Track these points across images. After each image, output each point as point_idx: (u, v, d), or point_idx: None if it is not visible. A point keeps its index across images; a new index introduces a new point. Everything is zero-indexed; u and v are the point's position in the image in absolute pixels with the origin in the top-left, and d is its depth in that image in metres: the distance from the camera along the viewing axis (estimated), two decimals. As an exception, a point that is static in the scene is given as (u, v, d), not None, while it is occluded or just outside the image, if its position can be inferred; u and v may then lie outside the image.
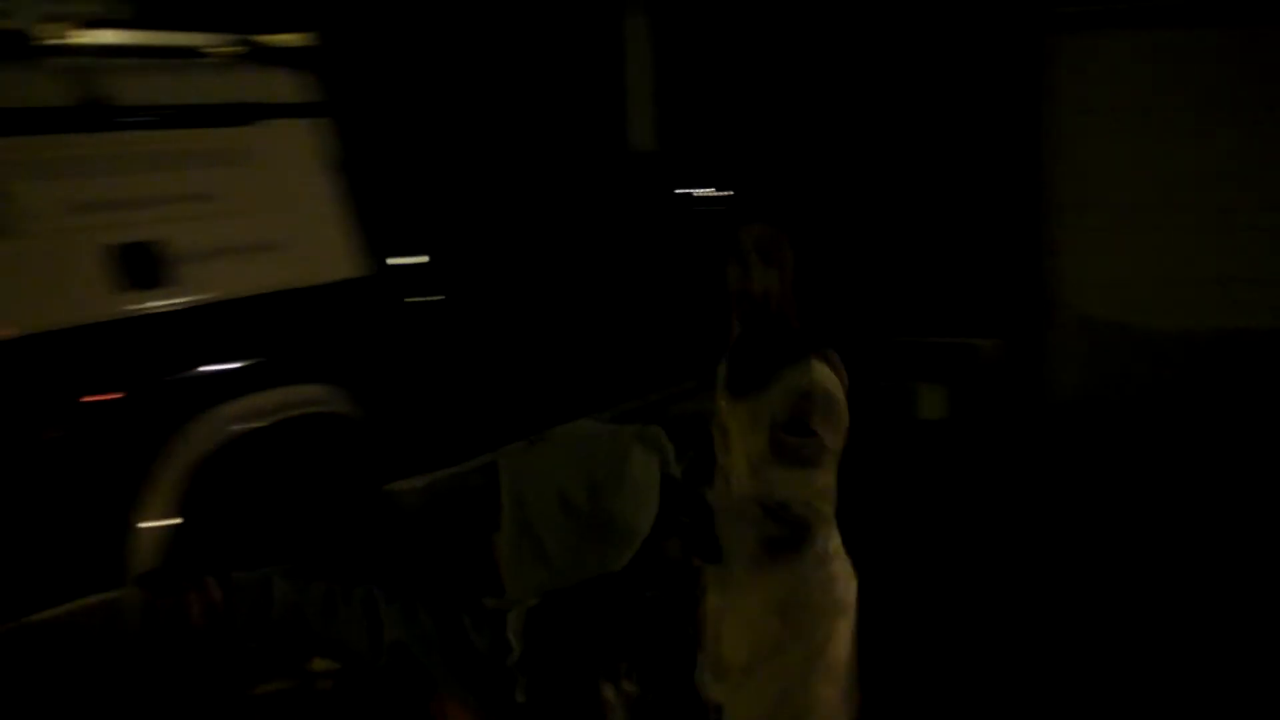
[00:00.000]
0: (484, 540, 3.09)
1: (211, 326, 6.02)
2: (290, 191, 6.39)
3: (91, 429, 5.61)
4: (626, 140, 10.74)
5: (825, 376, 4.14)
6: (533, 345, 7.46)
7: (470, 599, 3.07)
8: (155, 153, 5.99)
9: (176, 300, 5.93)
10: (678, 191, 9.30)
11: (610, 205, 8.51)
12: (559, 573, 2.98)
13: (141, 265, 5.81)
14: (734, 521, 4.07)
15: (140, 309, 5.82)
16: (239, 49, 6.49)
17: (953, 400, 10.36)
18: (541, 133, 8.24)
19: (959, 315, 10.74)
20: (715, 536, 3.30)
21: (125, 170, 5.86)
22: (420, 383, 6.76)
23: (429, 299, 6.89)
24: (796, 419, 4.06)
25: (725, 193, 9.54)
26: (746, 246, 4.29)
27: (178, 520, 5.70)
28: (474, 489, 6.65)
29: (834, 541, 4.25)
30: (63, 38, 5.92)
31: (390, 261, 6.70)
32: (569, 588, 2.93)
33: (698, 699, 3.05)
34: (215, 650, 4.70)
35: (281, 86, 6.49)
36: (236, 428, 5.94)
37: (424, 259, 6.94)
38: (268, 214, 6.29)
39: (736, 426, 4.21)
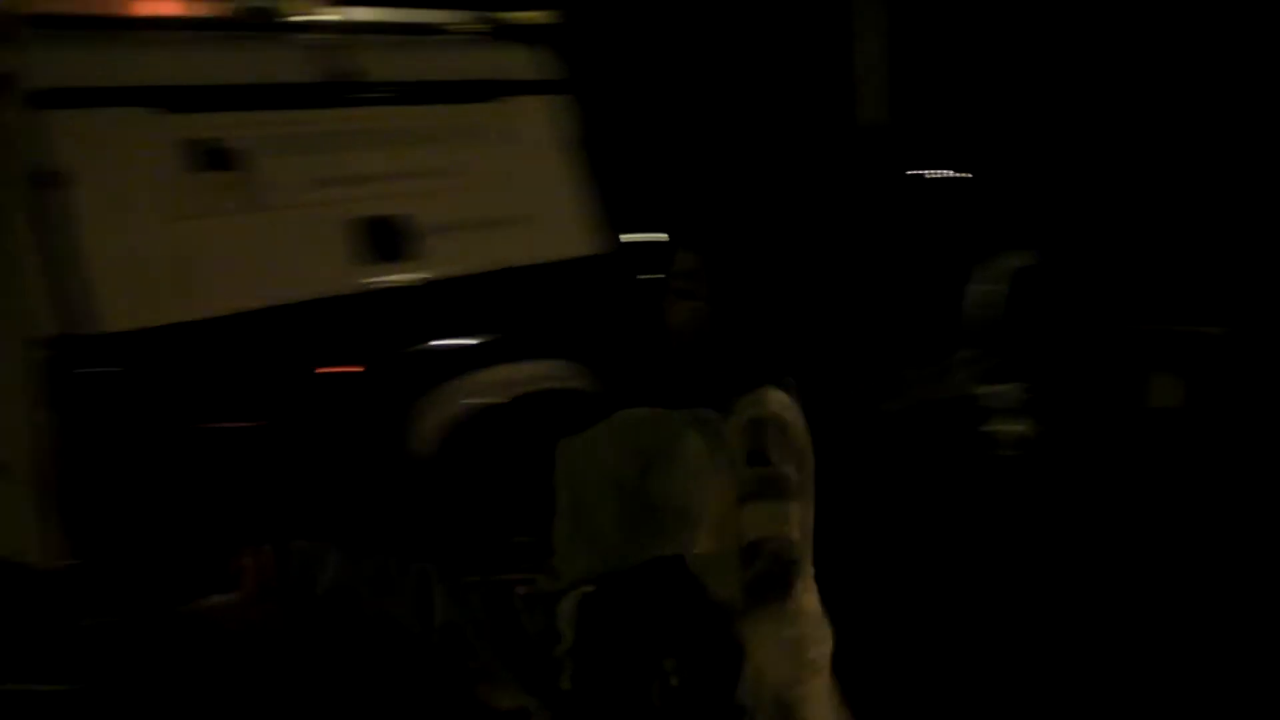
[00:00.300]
0: (544, 524, 3.06)
1: (452, 301, 6.06)
2: (531, 168, 6.42)
3: (330, 400, 5.68)
4: (855, 114, 10.59)
5: (780, 404, 3.86)
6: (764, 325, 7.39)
7: (523, 582, 3.03)
8: (400, 128, 6.06)
9: (418, 275, 5.98)
10: (910, 172, 9.13)
11: (837, 183, 8.40)
12: (610, 554, 2.92)
13: (385, 239, 5.87)
14: (718, 574, 3.84)
15: (382, 283, 5.89)
16: (482, 26, 6.52)
17: (1189, 389, 10.07)
18: (768, 108, 8.17)
19: (1195, 303, 10.44)
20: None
21: (370, 145, 5.94)
22: (656, 361, 6.73)
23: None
24: (753, 451, 3.79)
25: (963, 175, 9.33)
26: (671, 276, 3.97)
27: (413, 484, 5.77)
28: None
29: (807, 596, 3.95)
30: (311, 14, 6.00)
31: (628, 238, 6.69)
32: (623, 576, 2.87)
33: (740, 704, 2.98)
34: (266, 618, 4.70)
35: (523, 63, 6.52)
36: (475, 401, 5.97)
37: (663, 236, 6.92)
38: (508, 190, 6.32)
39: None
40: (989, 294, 9.10)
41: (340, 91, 5.87)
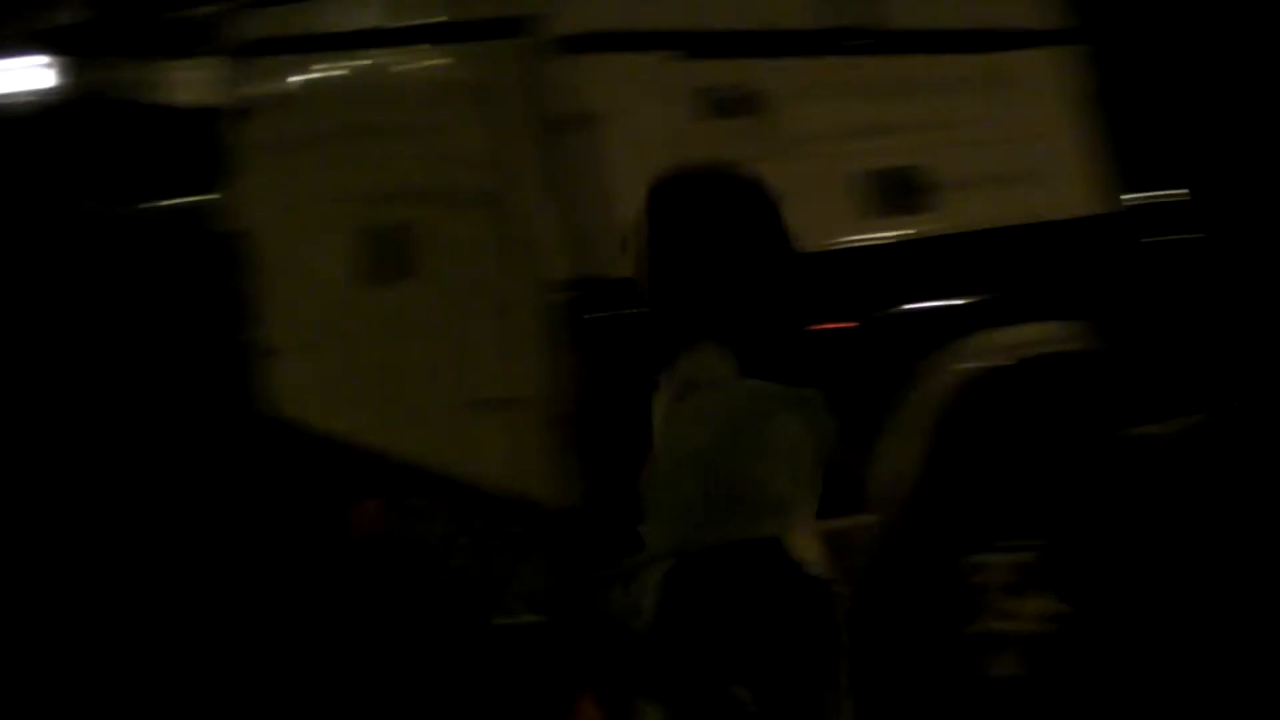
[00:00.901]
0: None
1: (957, 258, 5.90)
2: (1038, 122, 6.18)
3: (823, 356, 5.59)
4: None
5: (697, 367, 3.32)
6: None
7: (611, 554, 2.89)
8: (913, 78, 5.90)
9: (923, 229, 5.84)
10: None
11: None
12: (690, 532, 2.75)
13: (895, 191, 5.76)
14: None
15: (888, 236, 5.78)
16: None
17: None
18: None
19: None
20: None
21: (885, 95, 5.81)
22: (1168, 326, 6.41)
23: (1182, 236, 6.52)
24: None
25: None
26: None
27: (922, 454, 5.66)
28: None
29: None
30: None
31: (1142, 196, 6.40)
32: (710, 553, 2.69)
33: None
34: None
35: (1034, 12, 6.29)
36: (980, 365, 5.80)
37: (1182, 194, 6.60)
38: (1016, 144, 6.10)
39: None
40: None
41: (856, 39, 5.76)
